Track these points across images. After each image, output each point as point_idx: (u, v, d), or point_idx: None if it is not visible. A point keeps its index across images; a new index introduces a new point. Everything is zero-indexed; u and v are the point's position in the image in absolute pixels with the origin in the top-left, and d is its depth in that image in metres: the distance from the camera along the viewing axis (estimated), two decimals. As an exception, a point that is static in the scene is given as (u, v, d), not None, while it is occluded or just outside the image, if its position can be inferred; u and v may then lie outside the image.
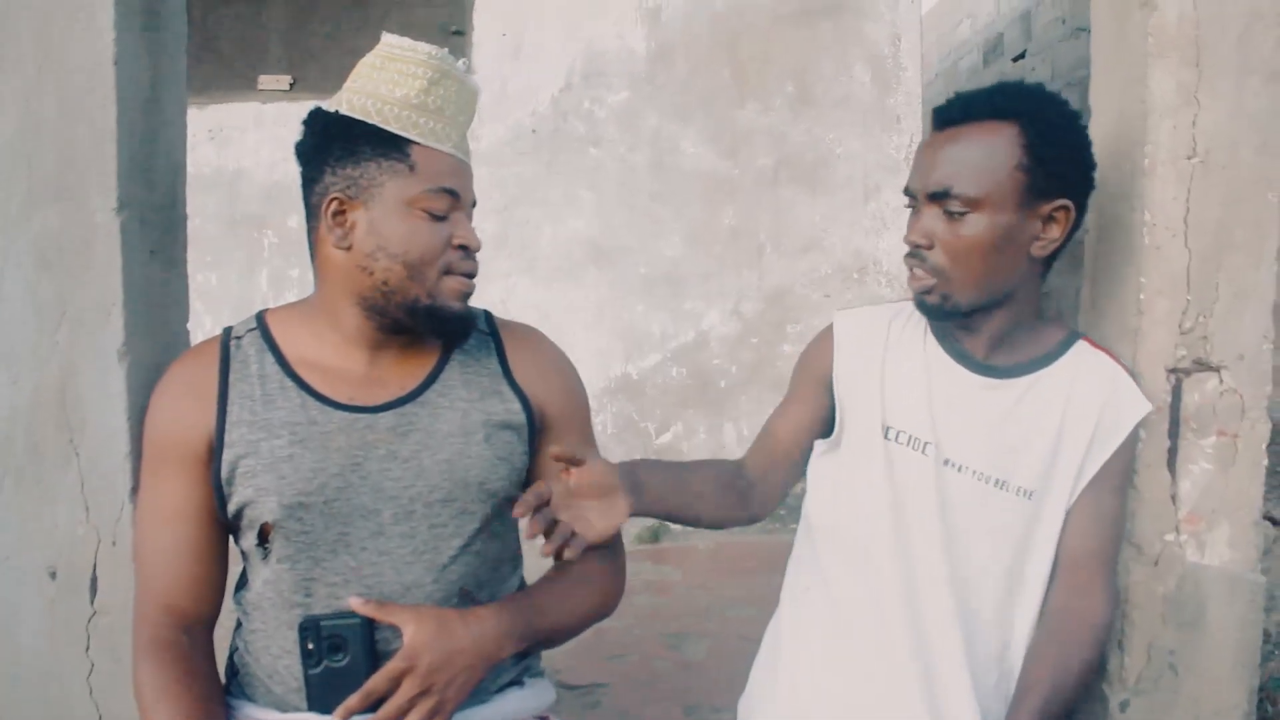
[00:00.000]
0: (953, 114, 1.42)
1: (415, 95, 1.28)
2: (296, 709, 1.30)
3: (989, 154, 1.37)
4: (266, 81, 5.00)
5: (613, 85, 4.47)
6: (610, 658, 1.44)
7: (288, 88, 5.00)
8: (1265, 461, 1.51)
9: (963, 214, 1.37)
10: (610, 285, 4.48)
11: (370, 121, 1.27)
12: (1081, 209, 1.42)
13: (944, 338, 1.51)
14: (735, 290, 4.49)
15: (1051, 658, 1.42)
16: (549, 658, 1.52)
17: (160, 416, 1.33)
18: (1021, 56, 4.95)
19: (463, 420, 1.35)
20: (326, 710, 1.24)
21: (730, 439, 4.46)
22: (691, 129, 4.48)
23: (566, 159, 4.47)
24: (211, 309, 4.36)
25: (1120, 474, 1.49)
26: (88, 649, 1.41)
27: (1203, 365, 1.50)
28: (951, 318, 1.46)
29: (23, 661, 1.42)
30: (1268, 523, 1.62)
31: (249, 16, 5.84)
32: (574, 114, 4.47)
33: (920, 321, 1.53)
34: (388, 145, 1.27)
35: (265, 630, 1.32)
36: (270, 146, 4.33)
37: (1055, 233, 1.40)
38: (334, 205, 1.29)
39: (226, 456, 1.28)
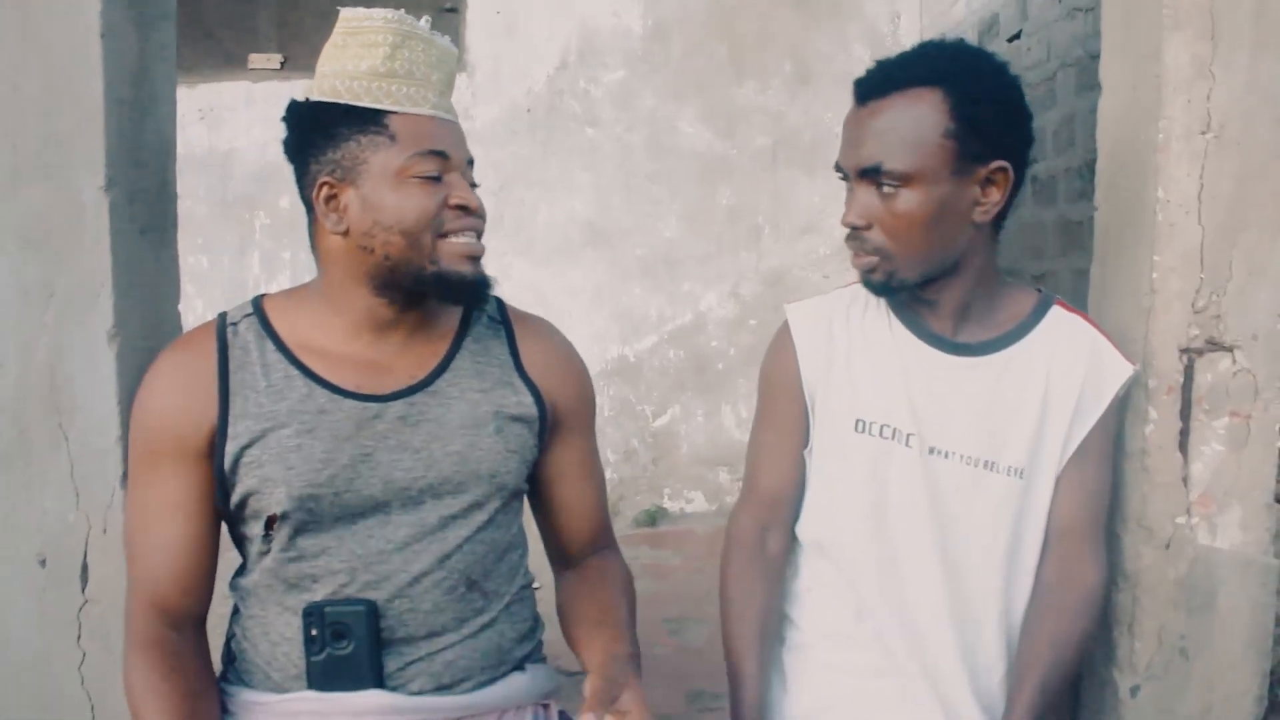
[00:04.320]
0: (874, 85, 1.36)
1: (381, 63, 1.24)
2: (289, 692, 1.28)
3: (915, 125, 1.31)
4: (257, 60, 4.92)
5: (608, 64, 4.41)
6: (610, 643, 1.44)
7: (279, 66, 4.93)
8: (1279, 443, 1.49)
9: (895, 190, 1.32)
10: (607, 266, 4.43)
11: (341, 101, 1.24)
12: (1021, 167, 1.37)
13: (909, 319, 1.45)
14: (733, 272, 4.45)
15: (1048, 632, 1.39)
16: (547, 645, 1.50)
17: (154, 408, 1.28)
18: (1017, 36, 4.91)
19: (473, 411, 1.33)
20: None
21: (729, 421, 4.43)
22: (688, 109, 4.43)
23: (562, 139, 4.42)
24: (203, 291, 4.31)
25: (1106, 440, 1.46)
26: (79, 638, 1.38)
27: (1216, 345, 1.48)
28: (900, 293, 1.41)
29: (13, 651, 1.39)
30: (1280, 505, 1.60)
31: (239, -5, 5.77)
32: (569, 93, 4.42)
33: (881, 305, 1.48)
34: (363, 120, 1.24)
35: (264, 617, 1.30)
36: (261, 126, 4.26)
37: (995, 196, 1.35)
38: (324, 190, 1.26)
39: (230, 448, 1.25)
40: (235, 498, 1.26)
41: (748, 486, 1.55)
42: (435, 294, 1.30)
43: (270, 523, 1.26)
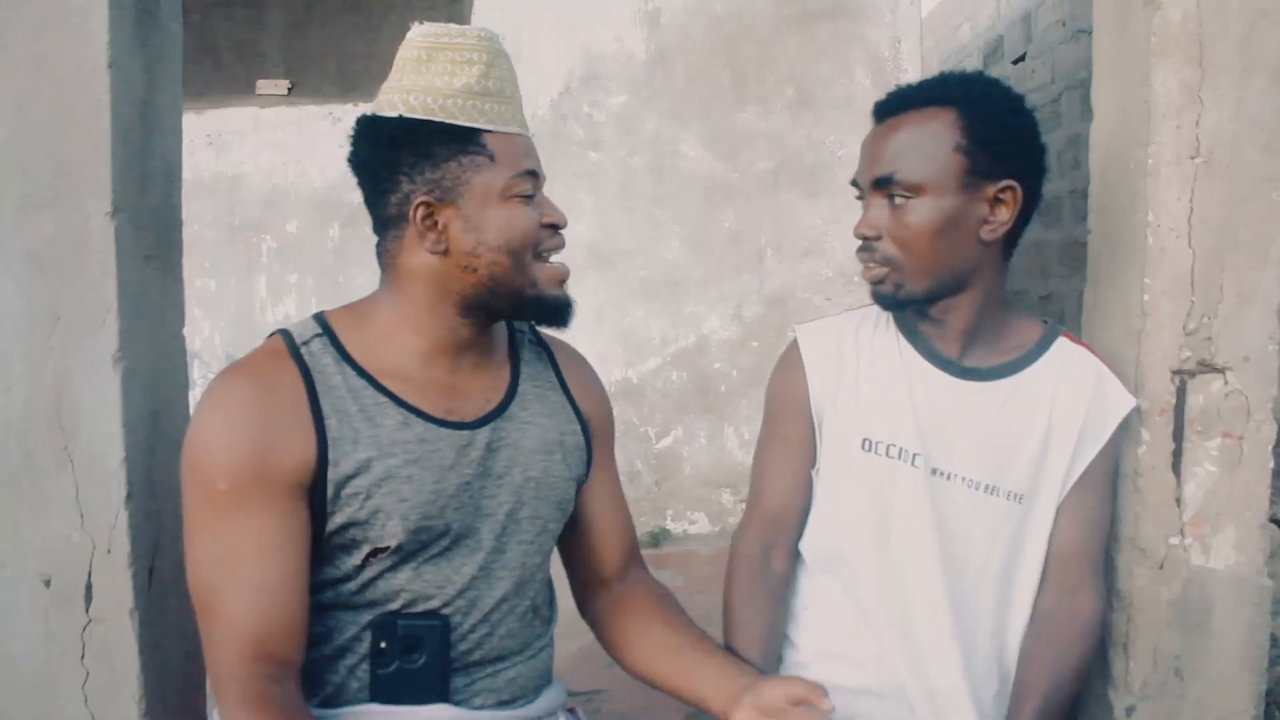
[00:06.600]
0: (892, 105, 1.41)
1: (476, 82, 1.21)
2: (348, 704, 1.26)
3: (927, 138, 1.36)
4: (264, 86, 4.97)
5: (611, 89, 4.45)
6: (610, 664, 1.43)
7: (286, 92, 4.98)
8: (1271, 464, 1.50)
9: (906, 200, 1.36)
10: (610, 289, 4.46)
11: (437, 119, 1.21)
12: (1032, 192, 1.40)
13: (918, 341, 1.48)
14: (736, 294, 4.48)
15: (1047, 659, 1.41)
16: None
17: (238, 441, 1.17)
18: (1022, 59, 4.94)
19: (543, 438, 1.34)
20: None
21: (731, 443, 4.45)
22: (691, 132, 4.46)
23: (566, 163, 4.45)
24: (210, 315, 4.36)
25: (1107, 471, 1.48)
26: (83, 658, 1.40)
27: (1207, 367, 1.49)
28: (907, 307, 1.44)
29: (16, 671, 1.40)
30: (1274, 525, 1.61)
31: (246, 20, 5.82)
32: (573, 118, 4.45)
33: (890, 326, 1.50)
34: (461, 140, 1.21)
35: (326, 629, 1.26)
36: (269, 151, 4.32)
37: (1004, 215, 1.38)
38: (422, 211, 1.22)
39: (332, 475, 1.19)
40: (331, 527, 1.20)
41: (752, 505, 1.56)
42: (529, 315, 1.31)
43: (374, 553, 1.22)
